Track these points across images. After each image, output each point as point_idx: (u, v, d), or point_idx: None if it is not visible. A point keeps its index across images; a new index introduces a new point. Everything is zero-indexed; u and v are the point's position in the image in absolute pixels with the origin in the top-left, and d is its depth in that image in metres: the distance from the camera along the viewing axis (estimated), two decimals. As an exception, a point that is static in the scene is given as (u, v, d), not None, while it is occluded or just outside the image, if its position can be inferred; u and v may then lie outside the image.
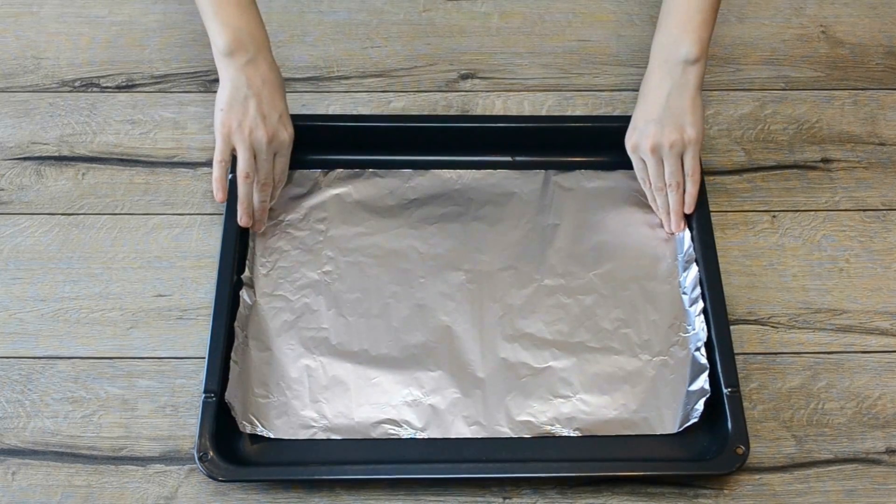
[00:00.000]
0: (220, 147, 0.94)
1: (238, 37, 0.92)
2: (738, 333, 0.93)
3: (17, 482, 0.86)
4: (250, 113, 0.93)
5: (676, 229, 0.97)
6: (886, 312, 0.95)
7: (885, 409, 0.90)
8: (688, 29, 0.91)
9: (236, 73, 0.92)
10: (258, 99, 0.93)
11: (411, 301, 0.93)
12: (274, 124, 0.94)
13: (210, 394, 0.85)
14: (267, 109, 0.93)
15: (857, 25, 1.16)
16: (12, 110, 1.07)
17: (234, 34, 0.92)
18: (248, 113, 0.93)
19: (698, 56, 0.92)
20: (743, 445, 0.84)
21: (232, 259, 0.93)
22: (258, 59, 0.93)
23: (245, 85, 0.92)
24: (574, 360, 0.91)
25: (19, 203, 1.01)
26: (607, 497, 0.85)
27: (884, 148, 1.06)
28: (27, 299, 0.95)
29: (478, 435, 0.87)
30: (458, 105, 1.08)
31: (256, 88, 0.93)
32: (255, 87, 0.93)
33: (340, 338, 0.91)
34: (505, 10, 1.16)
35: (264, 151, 0.94)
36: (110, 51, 1.12)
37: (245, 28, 0.92)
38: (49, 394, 0.90)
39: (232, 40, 0.91)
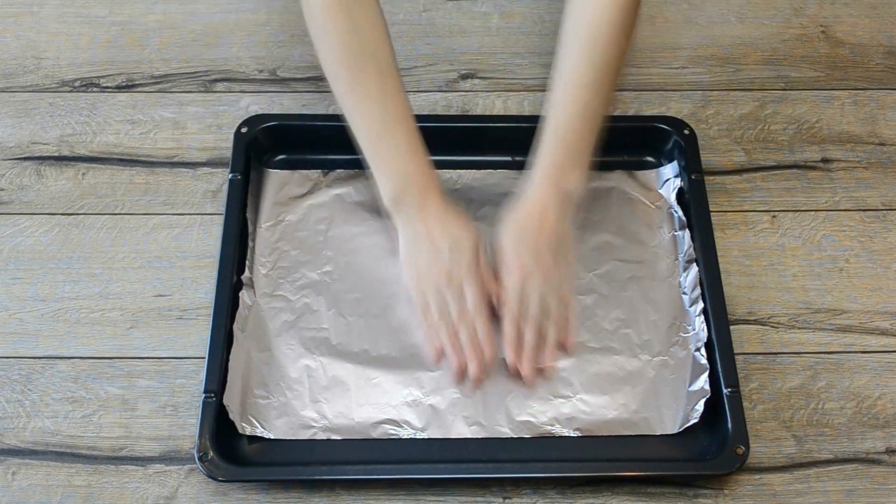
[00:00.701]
0: (417, 302, 0.90)
1: (401, 184, 0.89)
2: (738, 333, 0.93)
3: (17, 482, 0.86)
4: (423, 258, 0.89)
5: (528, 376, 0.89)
6: (886, 312, 0.95)
7: (885, 409, 0.90)
8: (579, 161, 0.90)
9: (404, 223, 0.90)
10: (427, 241, 0.89)
11: (411, 301, 0.93)
12: (446, 258, 0.89)
13: (210, 394, 0.85)
14: (435, 250, 0.89)
15: (857, 25, 1.16)
16: (12, 110, 1.07)
17: (398, 181, 0.90)
18: (422, 261, 0.89)
19: (581, 195, 0.91)
20: (743, 445, 0.84)
21: (232, 259, 0.93)
22: (423, 203, 0.89)
23: (414, 233, 0.90)
24: (574, 360, 0.91)
25: (19, 203, 1.01)
26: (607, 497, 0.85)
27: (884, 148, 1.06)
28: (27, 299, 0.95)
29: (478, 435, 0.87)
30: (458, 105, 1.08)
31: (423, 233, 0.89)
32: (422, 232, 0.89)
33: (340, 338, 0.91)
34: (505, 10, 1.16)
35: (447, 289, 0.89)
36: (110, 51, 1.12)
37: (410, 173, 0.90)
38: (49, 394, 0.90)
39: (397, 190, 0.89)
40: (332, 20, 0.89)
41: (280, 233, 0.97)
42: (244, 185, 0.98)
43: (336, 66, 0.90)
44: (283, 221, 0.98)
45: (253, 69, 1.10)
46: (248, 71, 1.10)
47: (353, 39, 0.89)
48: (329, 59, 0.90)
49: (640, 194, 1.01)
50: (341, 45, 0.89)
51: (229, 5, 1.16)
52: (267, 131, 1.02)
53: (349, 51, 0.89)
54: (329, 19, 0.89)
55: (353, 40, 0.89)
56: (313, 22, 0.90)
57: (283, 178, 1.01)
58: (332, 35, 0.89)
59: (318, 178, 1.01)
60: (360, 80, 0.89)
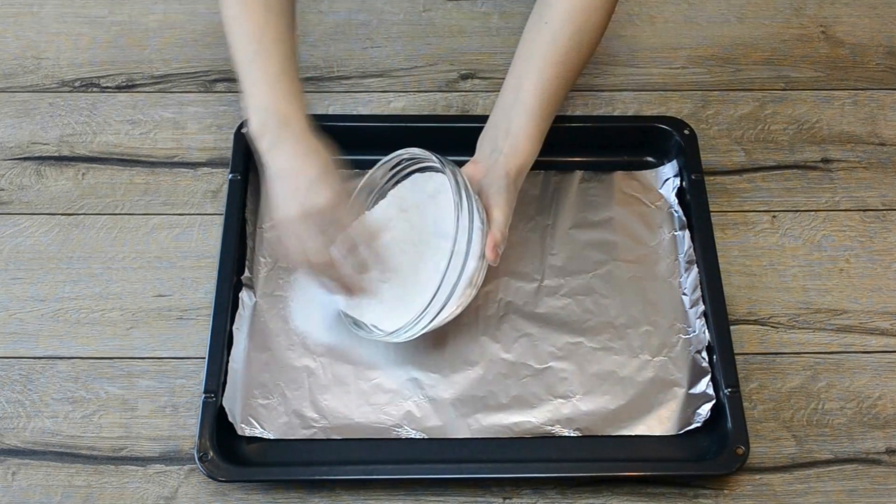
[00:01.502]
0: (281, 247, 0.87)
1: (261, 118, 0.84)
2: (738, 334, 0.93)
3: (17, 482, 0.86)
4: (280, 196, 0.84)
5: None
6: (886, 312, 0.95)
7: (885, 409, 0.90)
8: (534, 144, 0.90)
9: (265, 159, 0.85)
10: (284, 177, 0.84)
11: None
12: (302, 195, 0.84)
13: (210, 394, 0.85)
14: (293, 183, 0.84)
15: (857, 25, 1.16)
16: (12, 110, 1.07)
17: (258, 115, 0.84)
18: (280, 196, 0.84)
19: (523, 177, 0.90)
20: (743, 445, 0.84)
21: (232, 259, 0.93)
22: (282, 137, 0.84)
23: (273, 170, 0.85)
24: (574, 360, 0.91)
25: (19, 203, 1.01)
26: (607, 497, 0.85)
27: (884, 148, 1.06)
28: (27, 299, 0.95)
29: (478, 435, 0.87)
30: (458, 105, 1.08)
31: (282, 168, 0.84)
32: (282, 168, 0.84)
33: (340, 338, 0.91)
34: (505, 10, 1.16)
35: (302, 227, 0.84)
36: (110, 51, 1.12)
37: (271, 106, 0.85)
38: (49, 394, 0.90)
39: (257, 124, 0.84)
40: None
41: (280, 233, 0.97)
42: (244, 185, 0.98)
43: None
44: (283, 221, 0.98)
45: (253, 69, 1.10)
46: (248, 71, 1.10)
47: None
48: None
49: (640, 194, 1.00)
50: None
51: (229, 5, 1.16)
52: (267, 131, 1.01)
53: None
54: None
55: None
56: None
57: (283, 178, 1.01)
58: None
59: (318, 178, 1.01)
60: (243, 11, 0.86)
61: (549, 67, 0.90)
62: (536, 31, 0.91)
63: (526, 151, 0.89)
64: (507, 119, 0.90)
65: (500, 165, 0.89)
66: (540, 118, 0.90)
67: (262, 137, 0.85)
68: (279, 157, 0.84)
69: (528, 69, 0.91)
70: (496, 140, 0.90)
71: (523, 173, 0.90)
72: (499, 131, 0.90)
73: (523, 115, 0.90)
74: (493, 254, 0.86)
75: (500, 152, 0.89)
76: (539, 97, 0.90)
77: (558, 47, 0.90)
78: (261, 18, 0.86)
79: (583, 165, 1.02)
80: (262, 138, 0.85)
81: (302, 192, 0.83)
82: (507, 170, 0.88)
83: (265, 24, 0.86)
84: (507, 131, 0.90)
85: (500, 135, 0.90)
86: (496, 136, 0.90)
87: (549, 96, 0.90)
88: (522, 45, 0.93)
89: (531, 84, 0.90)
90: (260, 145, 0.85)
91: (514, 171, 0.89)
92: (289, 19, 0.88)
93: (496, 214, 0.87)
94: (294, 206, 0.83)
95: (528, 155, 0.90)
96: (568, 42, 0.90)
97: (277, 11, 0.87)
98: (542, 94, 0.90)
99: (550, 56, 0.90)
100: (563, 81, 0.91)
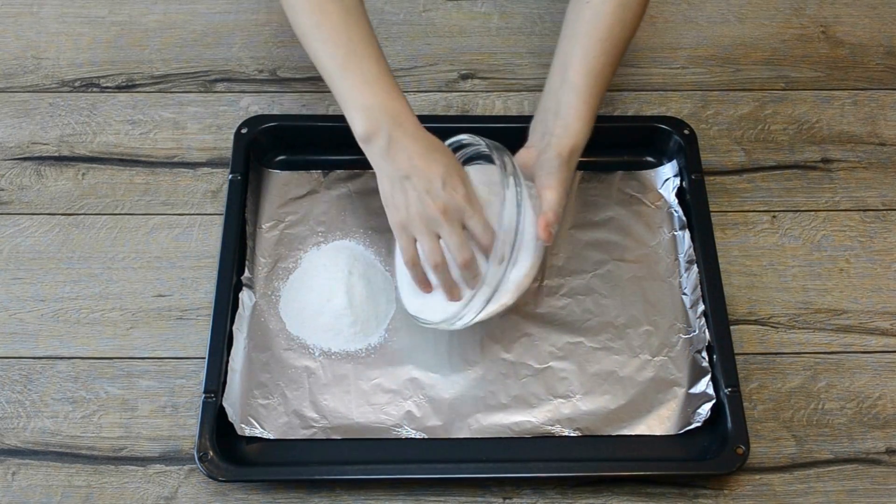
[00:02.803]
0: (404, 245, 0.86)
1: (372, 117, 0.84)
2: (738, 333, 0.93)
3: (17, 482, 0.86)
4: (411, 196, 0.84)
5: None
6: (886, 312, 0.95)
7: (885, 409, 0.90)
8: (585, 123, 0.89)
9: (380, 160, 0.85)
10: (412, 177, 0.83)
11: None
12: (439, 192, 0.83)
13: (210, 394, 0.85)
14: (426, 182, 0.83)
15: (857, 25, 1.16)
16: (12, 110, 1.07)
17: (366, 115, 0.84)
18: (410, 197, 0.84)
19: (577, 157, 0.89)
20: (743, 445, 0.84)
21: (232, 259, 0.93)
22: (397, 135, 0.84)
23: (394, 171, 0.84)
24: (574, 360, 0.91)
25: (19, 203, 1.01)
26: (607, 497, 0.85)
27: (884, 148, 1.06)
28: (27, 299, 0.95)
29: (478, 435, 0.87)
30: (458, 105, 1.08)
31: (406, 168, 0.84)
32: (405, 167, 0.84)
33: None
34: (505, 10, 1.16)
35: (445, 226, 0.84)
36: (110, 51, 1.12)
37: (378, 105, 0.84)
38: (49, 394, 0.90)
39: (367, 124, 0.84)
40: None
41: (280, 233, 0.97)
42: (244, 185, 0.98)
43: (298, 7, 0.88)
44: (283, 222, 0.98)
45: (253, 69, 1.10)
46: (248, 71, 1.10)
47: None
48: (291, 2, 0.89)
49: (640, 194, 1.00)
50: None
51: (229, 5, 1.16)
52: (267, 132, 1.02)
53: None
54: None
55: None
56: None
57: (283, 178, 1.01)
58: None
59: (318, 178, 1.01)
60: (323, 18, 0.87)
61: (594, 45, 0.90)
62: (578, 10, 0.91)
63: (577, 131, 0.89)
64: (556, 101, 0.90)
65: (552, 147, 0.88)
66: (589, 96, 0.89)
67: (375, 137, 0.84)
68: (400, 156, 0.84)
69: (573, 49, 0.90)
70: (546, 123, 0.90)
71: (576, 153, 0.89)
72: (548, 114, 0.90)
73: (572, 95, 0.89)
74: (545, 233, 0.85)
75: (551, 134, 0.89)
76: (586, 76, 0.89)
77: (602, 24, 0.90)
78: (342, 22, 0.86)
79: (583, 165, 1.02)
80: (375, 138, 0.84)
81: (437, 189, 0.83)
82: (558, 151, 0.87)
83: (349, 27, 0.86)
84: (556, 113, 0.89)
85: (549, 117, 0.90)
86: (546, 119, 0.90)
87: (597, 74, 0.90)
88: (565, 27, 0.92)
89: (577, 63, 0.89)
90: (373, 146, 0.84)
91: (567, 152, 0.88)
92: (367, 19, 0.88)
93: (549, 195, 0.86)
94: (431, 204, 0.83)
95: (580, 134, 0.89)
96: (611, 17, 0.90)
97: (357, 13, 0.87)
98: (588, 72, 0.89)
99: (595, 33, 0.90)
100: (610, 58, 0.90)
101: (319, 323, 0.90)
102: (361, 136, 0.85)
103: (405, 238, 0.86)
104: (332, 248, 0.96)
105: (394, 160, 0.84)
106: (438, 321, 0.86)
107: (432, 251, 0.84)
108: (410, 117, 0.86)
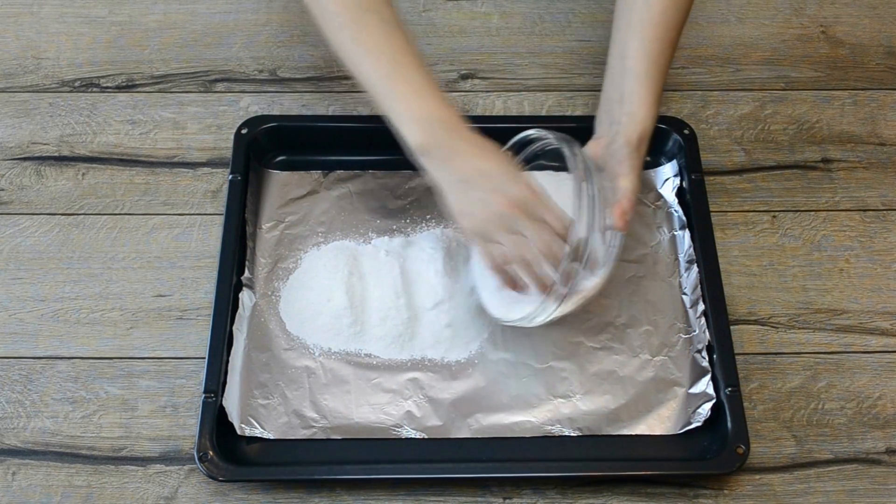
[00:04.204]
0: (484, 250, 0.85)
1: (427, 128, 0.83)
2: (738, 333, 0.93)
3: (17, 482, 0.86)
4: (479, 198, 0.83)
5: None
6: (886, 312, 0.95)
7: (885, 409, 0.90)
8: (650, 109, 0.89)
9: (439, 171, 0.84)
10: (475, 180, 0.83)
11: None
12: (505, 189, 0.83)
13: (210, 394, 0.85)
14: (490, 182, 0.83)
15: (857, 25, 1.16)
16: (12, 110, 1.07)
17: (420, 127, 0.83)
18: (478, 199, 0.83)
19: (647, 144, 0.89)
20: (743, 445, 0.84)
21: (232, 259, 0.93)
22: (453, 143, 0.84)
23: (456, 178, 0.84)
24: (574, 359, 0.91)
25: (19, 203, 1.01)
26: (607, 497, 0.85)
27: (884, 148, 1.06)
28: (27, 299, 0.95)
29: (478, 435, 0.87)
30: (458, 105, 1.08)
31: (468, 172, 0.83)
32: (467, 172, 0.84)
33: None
34: (505, 10, 1.16)
35: (519, 222, 0.83)
36: (110, 51, 1.12)
37: (430, 115, 0.84)
38: (49, 394, 0.90)
39: (422, 136, 0.83)
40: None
41: (280, 233, 0.97)
42: (244, 185, 0.98)
43: (335, 22, 0.88)
44: (283, 222, 0.98)
45: (253, 69, 1.10)
46: (248, 71, 1.10)
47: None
48: (328, 17, 0.88)
49: (641, 194, 1.00)
50: (339, 3, 0.87)
51: (229, 5, 1.16)
52: (267, 132, 1.02)
53: (347, 6, 0.87)
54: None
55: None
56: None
57: (284, 178, 1.01)
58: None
59: (319, 178, 1.01)
60: (362, 32, 0.86)
61: (648, 29, 0.90)
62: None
63: (644, 117, 0.89)
64: (619, 90, 0.90)
65: (621, 135, 0.88)
66: (650, 80, 0.89)
67: (432, 149, 0.84)
68: (460, 163, 0.84)
69: (629, 36, 0.90)
70: (612, 112, 0.90)
71: (645, 139, 0.89)
72: (612, 104, 0.90)
73: (633, 81, 0.89)
74: (621, 221, 0.84)
75: (618, 123, 0.89)
76: (645, 60, 0.89)
77: (655, 8, 0.90)
78: (383, 35, 0.86)
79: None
80: (432, 149, 0.84)
81: (503, 186, 0.83)
82: (627, 138, 0.87)
83: (389, 39, 0.86)
84: (620, 101, 0.89)
85: (614, 107, 0.90)
86: (611, 108, 0.90)
87: (656, 57, 0.90)
88: (618, 17, 0.92)
89: (634, 49, 0.90)
90: (431, 157, 0.84)
91: (636, 139, 0.88)
92: (405, 29, 0.88)
93: (622, 183, 0.86)
94: (502, 202, 0.82)
95: (647, 119, 0.89)
96: (663, 1, 0.90)
97: (395, 24, 0.87)
98: (647, 56, 0.89)
99: (648, 17, 0.90)
100: (667, 41, 0.90)
101: (319, 323, 0.90)
102: (418, 148, 0.84)
103: (483, 242, 0.85)
104: (332, 248, 0.96)
105: (454, 168, 0.84)
106: (518, 318, 0.85)
107: (517, 247, 0.83)
108: (462, 124, 0.85)
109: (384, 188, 1.01)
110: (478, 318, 0.91)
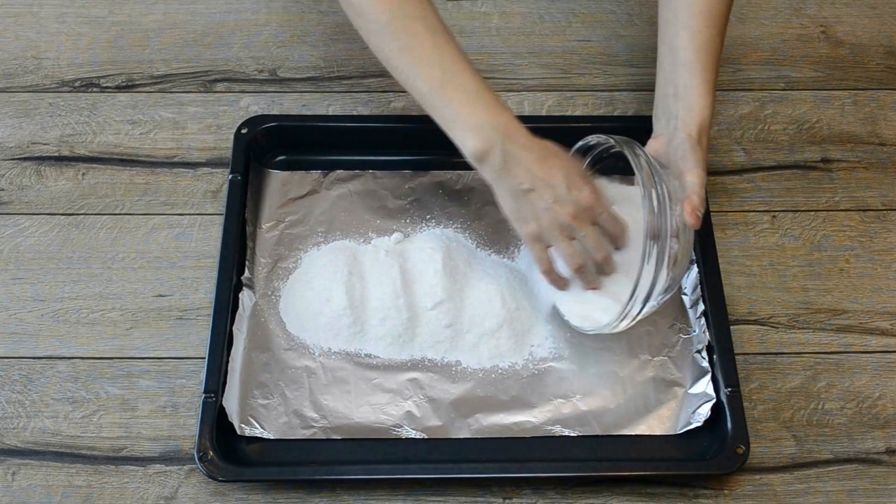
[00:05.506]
0: (538, 255, 0.86)
1: (483, 135, 0.83)
2: (738, 333, 0.93)
3: (17, 482, 0.86)
4: (539, 207, 0.84)
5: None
6: (886, 312, 0.95)
7: (885, 409, 0.90)
8: (707, 99, 0.88)
9: (498, 178, 0.84)
10: (535, 188, 0.83)
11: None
12: (566, 198, 0.84)
13: (210, 394, 0.85)
14: (551, 191, 0.83)
15: (857, 25, 1.16)
16: (12, 110, 1.07)
17: (477, 134, 0.83)
18: (538, 208, 0.84)
19: (707, 134, 0.89)
20: (743, 445, 0.84)
21: (232, 259, 0.93)
22: (511, 149, 0.83)
23: (515, 185, 0.84)
24: (574, 360, 0.91)
25: (19, 203, 1.01)
26: (607, 497, 0.85)
27: (884, 148, 1.06)
28: (27, 299, 0.95)
29: (478, 435, 0.87)
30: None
31: (528, 180, 0.84)
32: (526, 180, 0.84)
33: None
34: (505, 10, 1.16)
35: (579, 230, 0.84)
36: (110, 51, 1.12)
37: (487, 122, 0.83)
38: (49, 394, 0.90)
39: (479, 143, 0.83)
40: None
41: (280, 233, 0.97)
42: (244, 185, 0.98)
43: (382, 32, 0.87)
44: (283, 222, 0.98)
45: (253, 69, 1.10)
46: (248, 71, 1.10)
47: (394, 5, 0.86)
48: (374, 28, 0.87)
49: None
50: (384, 12, 0.86)
51: (229, 5, 1.16)
52: (267, 132, 1.02)
53: (393, 16, 0.86)
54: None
55: (395, 6, 0.86)
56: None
57: (284, 178, 1.01)
58: (375, 4, 0.86)
59: (319, 178, 1.01)
60: (411, 40, 0.86)
61: (695, 19, 0.89)
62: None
63: (701, 107, 0.88)
64: (673, 84, 0.89)
65: (680, 130, 0.87)
66: (703, 71, 0.89)
67: (489, 156, 0.83)
68: (518, 170, 0.83)
69: (676, 29, 0.90)
70: (668, 108, 0.89)
71: (706, 130, 0.88)
72: (668, 98, 0.90)
73: (686, 73, 0.89)
74: (693, 217, 0.84)
75: (675, 117, 0.88)
76: (695, 51, 0.89)
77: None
78: (431, 42, 0.85)
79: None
80: (489, 156, 0.83)
81: (563, 195, 0.83)
82: (687, 132, 0.87)
83: (439, 46, 0.85)
84: (675, 95, 0.89)
85: (670, 101, 0.89)
86: (667, 104, 0.90)
87: (706, 47, 0.89)
88: (662, 11, 0.92)
89: (683, 41, 0.89)
90: (488, 164, 0.84)
91: (696, 131, 0.87)
92: (451, 33, 0.87)
93: (689, 178, 0.85)
94: (562, 212, 0.83)
95: (705, 110, 0.88)
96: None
97: (442, 31, 0.87)
98: (697, 47, 0.89)
99: (695, 7, 0.89)
100: (715, 31, 0.90)
101: (319, 323, 0.90)
102: (475, 155, 0.84)
103: (539, 248, 0.86)
104: (332, 248, 0.96)
105: (513, 175, 0.83)
106: (602, 325, 0.86)
107: (573, 255, 0.85)
108: (520, 128, 0.85)
109: (384, 188, 1.01)
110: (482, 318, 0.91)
